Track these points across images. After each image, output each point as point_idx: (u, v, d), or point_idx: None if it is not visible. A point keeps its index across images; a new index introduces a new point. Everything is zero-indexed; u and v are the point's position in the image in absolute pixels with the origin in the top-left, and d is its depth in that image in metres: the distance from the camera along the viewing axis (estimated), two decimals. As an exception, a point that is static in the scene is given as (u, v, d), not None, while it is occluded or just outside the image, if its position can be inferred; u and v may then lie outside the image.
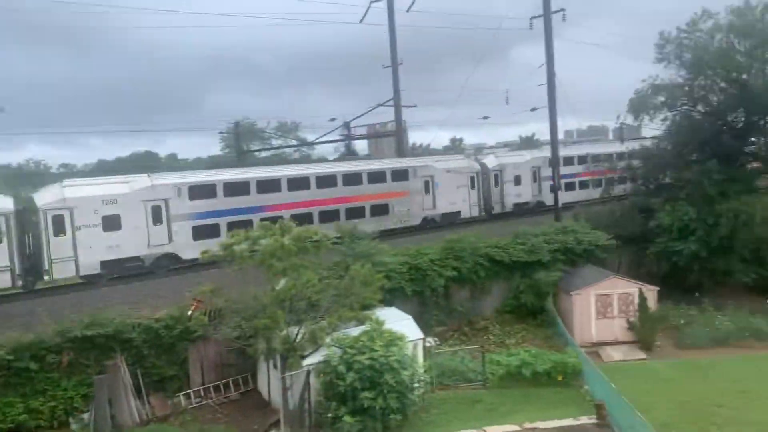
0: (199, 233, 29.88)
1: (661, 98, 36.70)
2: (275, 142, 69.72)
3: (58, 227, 26.55)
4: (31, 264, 26.97)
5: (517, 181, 45.01)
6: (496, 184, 44.34)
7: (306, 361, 19.93)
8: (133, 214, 28.25)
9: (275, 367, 20.88)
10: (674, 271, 33.57)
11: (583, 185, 47.80)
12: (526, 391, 22.62)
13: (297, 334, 19.79)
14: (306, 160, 65.97)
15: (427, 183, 39.43)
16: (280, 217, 29.33)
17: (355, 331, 20.44)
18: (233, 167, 40.61)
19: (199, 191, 30.63)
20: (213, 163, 68.85)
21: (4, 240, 25.33)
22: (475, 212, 42.16)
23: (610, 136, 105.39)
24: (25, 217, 26.89)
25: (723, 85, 36.36)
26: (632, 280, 29.51)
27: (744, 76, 35.36)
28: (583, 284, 28.99)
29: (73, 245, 26.76)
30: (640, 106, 36.92)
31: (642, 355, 26.94)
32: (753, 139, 37.48)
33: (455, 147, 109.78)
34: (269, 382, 22.06)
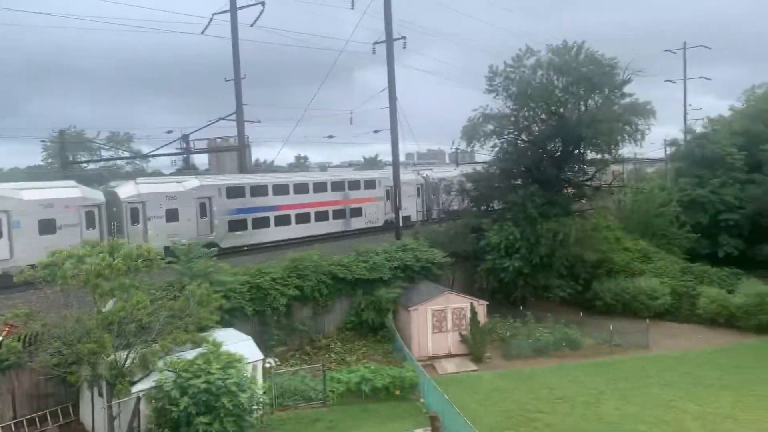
0: (233, 226, 34.86)
1: (491, 126, 39.39)
2: (106, 154, 65.03)
3: (134, 217, 30.80)
4: None
5: (448, 192, 49.85)
6: (434, 194, 49.64)
7: (136, 387, 18.73)
8: (187, 208, 32.77)
9: (101, 395, 19.37)
10: (502, 287, 36.12)
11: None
12: (365, 406, 23.02)
13: (126, 359, 18.52)
14: (140, 173, 62.31)
15: (388, 191, 44.06)
16: (289, 215, 37.54)
17: (191, 354, 19.56)
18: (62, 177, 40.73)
19: (234, 192, 35.31)
20: (32, 174, 62.78)
21: (97, 226, 29.23)
22: (420, 217, 47.36)
23: (447, 160, 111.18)
24: (110, 207, 30.16)
25: (544, 116, 39.85)
26: (465, 296, 31.20)
27: (561, 110, 39.08)
28: (421, 300, 30.14)
29: (144, 233, 30.62)
30: (472, 132, 39.36)
31: (473, 366, 28.51)
32: (568, 166, 41.32)
33: (300, 165, 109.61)
34: (93, 411, 20.37)
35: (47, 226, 27.42)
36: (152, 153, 53.39)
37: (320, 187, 40.51)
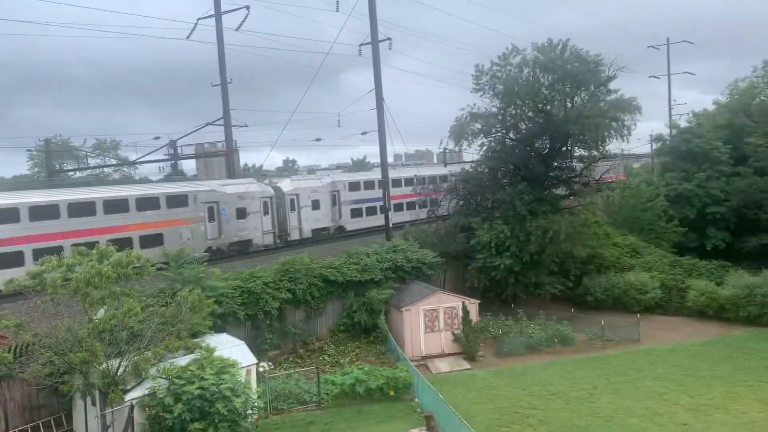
0: (353, 214, 43.67)
1: (478, 125, 39.51)
2: (92, 161, 64.70)
3: (292, 206, 39.13)
4: (281, 230, 38.42)
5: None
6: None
7: (129, 395, 18.64)
8: (325, 199, 41.43)
9: (94, 404, 19.25)
10: (493, 285, 36.20)
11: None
12: (360, 408, 23.01)
13: (118, 367, 18.42)
14: (128, 180, 62.03)
15: None
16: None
17: (184, 360, 19.50)
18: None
19: (353, 186, 44.32)
20: (18, 184, 62.25)
21: (269, 213, 37.16)
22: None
23: (435, 160, 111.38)
24: (276, 198, 37.99)
25: (531, 114, 40.02)
26: (456, 295, 31.26)
27: (548, 107, 39.27)
28: (412, 300, 30.17)
29: (298, 218, 39.51)
30: (460, 132, 39.46)
31: (467, 365, 28.56)
32: (556, 163, 41.54)
33: (288, 168, 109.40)
34: (87, 421, 20.27)
35: (241, 213, 35.45)
36: (140, 160, 53.12)
37: (409, 182, 48.34)
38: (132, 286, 20.04)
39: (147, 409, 18.45)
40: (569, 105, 39.25)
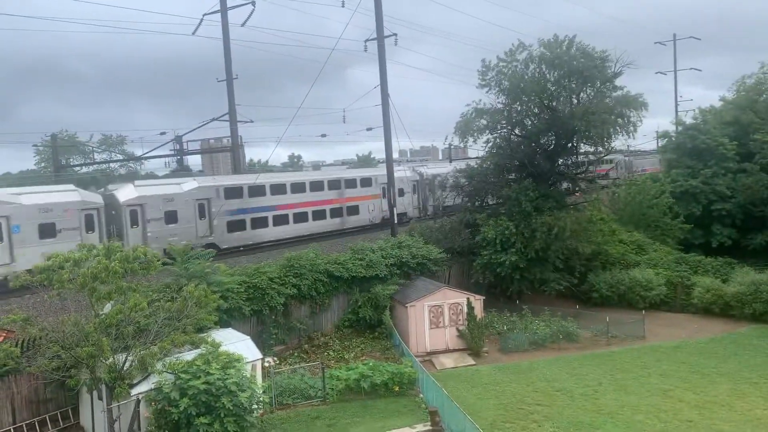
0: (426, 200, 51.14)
1: (484, 121, 39.41)
2: (99, 156, 64.87)
3: (429, 188, 49.08)
4: (423, 206, 49.06)
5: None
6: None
7: (135, 390, 18.74)
8: (408, 189, 47.92)
9: (100, 398, 19.37)
10: (498, 281, 36.17)
11: None
12: (365, 403, 23.08)
13: (125, 362, 18.53)
14: (134, 176, 62.13)
15: None
16: None
17: (189, 355, 19.58)
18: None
19: (429, 179, 51.05)
20: (25, 179, 62.45)
21: (416, 193, 48.22)
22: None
23: (440, 156, 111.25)
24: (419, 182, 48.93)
25: (536, 110, 39.89)
26: (461, 291, 31.28)
27: (554, 103, 39.15)
28: (417, 296, 30.20)
29: (433, 197, 48.77)
30: (465, 128, 39.37)
31: (471, 361, 28.59)
32: (561, 160, 41.44)
33: (293, 164, 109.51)
34: (93, 415, 20.39)
35: (401, 192, 45.29)
36: (146, 155, 53.31)
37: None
38: (138, 281, 20.13)
39: (153, 403, 18.54)
40: (575, 101, 39.16)
